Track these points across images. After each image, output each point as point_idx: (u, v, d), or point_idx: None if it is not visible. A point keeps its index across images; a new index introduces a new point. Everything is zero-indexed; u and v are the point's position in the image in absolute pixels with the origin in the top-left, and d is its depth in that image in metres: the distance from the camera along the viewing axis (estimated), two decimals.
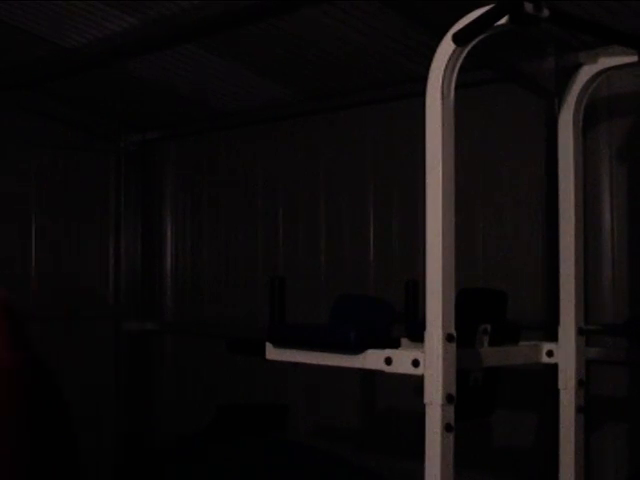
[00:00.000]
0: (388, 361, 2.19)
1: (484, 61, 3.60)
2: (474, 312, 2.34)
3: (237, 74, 4.44)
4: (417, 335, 2.13)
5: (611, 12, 3.19)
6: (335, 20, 3.66)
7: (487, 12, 1.95)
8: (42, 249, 5.34)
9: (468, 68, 2.12)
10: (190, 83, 4.69)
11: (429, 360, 2.07)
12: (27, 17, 4.00)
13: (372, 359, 2.23)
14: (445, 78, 2.03)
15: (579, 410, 2.43)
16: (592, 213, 3.49)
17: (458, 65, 2.04)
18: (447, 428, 2.05)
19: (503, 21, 1.95)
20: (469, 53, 2.05)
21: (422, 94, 2.06)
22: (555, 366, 2.46)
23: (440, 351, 2.05)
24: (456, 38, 1.99)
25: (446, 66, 2.03)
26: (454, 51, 2.01)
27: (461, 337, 2.09)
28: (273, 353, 2.47)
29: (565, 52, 3.46)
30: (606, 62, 2.40)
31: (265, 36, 3.92)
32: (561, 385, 2.45)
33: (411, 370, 2.13)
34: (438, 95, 2.04)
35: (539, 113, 3.61)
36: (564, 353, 2.44)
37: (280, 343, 2.45)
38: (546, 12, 1.94)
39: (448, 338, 2.05)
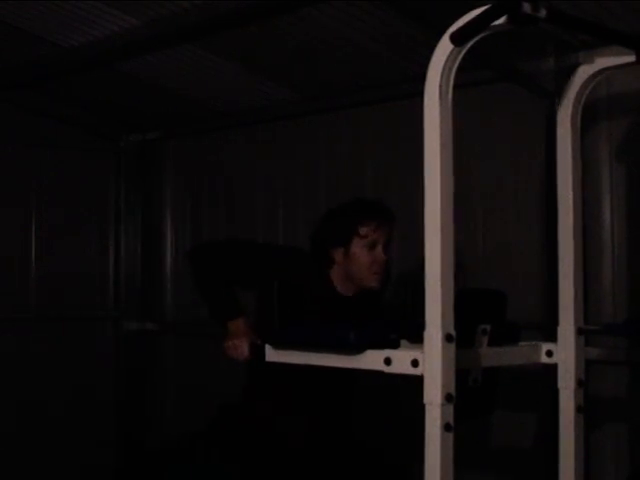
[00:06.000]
0: (387, 361, 2.19)
1: (484, 61, 3.60)
2: (473, 312, 2.34)
3: (237, 74, 4.44)
4: (416, 336, 2.13)
5: (611, 12, 3.19)
6: (335, 20, 3.67)
7: (484, 12, 1.94)
8: (42, 249, 5.35)
9: (468, 68, 2.12)
10: (190, 83, 4.69)
11: (428, 360, 2.07)
12: (27, 17, 4.00)
13: (371, 359, 2.23)
14: (443, 78, 2.03)
15: (579, 410, 2.43)
16: (592, 213, 3.49)
17: (456, 65, 2.04)
18: (446, 428, 2.05)
19: (501, 21, 1.95)
20: (469, 53, 2.05)
21: (422, 94, 2.06)
22: (555, 366, 2.46)
23: (439, 351, 2.04)
24: (453, 38, 1.98)
25: (444, 66, 2.02)
26: (452, 51, 2.01)
27: (460, 337, 2.08)
28: (273, 355, 2.47)
29: (565, 52, 3.46)
30: (604, 62, 2.39)
31: (265, 36, 3.92)
32: (561, 385, 2.45)
33: (410, 370, 2.12)
34: (436, 95, 2.03)
35: (539, 113, 3.61)
36: (563, 353, 2.44)
37: (279, 345, 2.45)
38: (544, 12, 1.93)
39: (447, 338, 2.05)
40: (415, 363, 2.12)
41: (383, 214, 3.21)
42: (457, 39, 1.99)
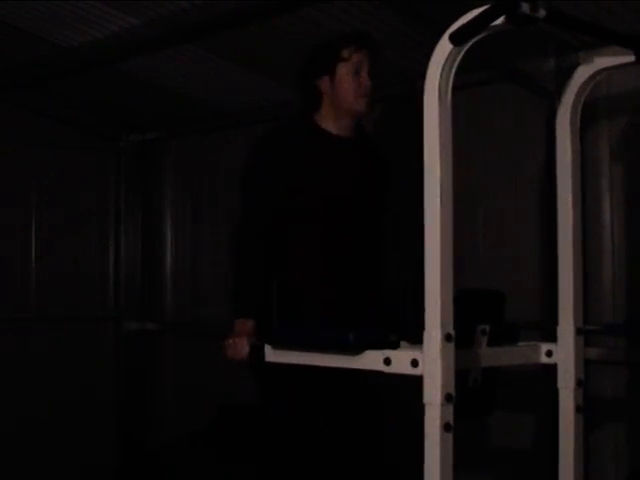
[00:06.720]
0: (387, 361, 2.19)
1: (484, 61, 3.60)
2: (472, 313, 2.34)
3: (237, 74, 4.45)
4: (415, 337, 2.13)
5: (611, 12, 3.19)
6: (335, 20, 3.66)
7: (483, 12, 1.94)
8: (42, 249, 5.35)
9: (468, 68, 2.12)
10: (190, 83, 4.69)
11: (428, 360, 2.07)
12: (27, 17, 4.01)
13: (371, 360, 2.23)
14: (442, 78, 2.03)
15: (578, 410, 2.43)
16: (592, 213, 3.49)
17: (455, 65, 2.04)
18: (446, 428, 2.05)
19: (500, 21, 1.95)
20: (469, 53, 2.05)
21: (421, 94, 2.06)
22: (554, 366, 2.46)
23: (439, 351, 2.04)
24: (452, 38, 1.99)
25: (443, 66, 2.02)
26: (451, 51, 2.01)
27: (460, 338, 2.08)
28: (272, 355, 2.47)
29: (565, 52, 3.47)
30: (603, 62, 2.39)
31: (265, 36, 3.92)
32: (560, 385, 2.44)
33: (410, 370, 2.12)
34: (435, 95, 2.03)
35: (539, 113, 3.61)
36: (563, 353, 2.44)
37: (279, 345, 2.45)
38: (542, 12, 1.93)
39: (447, 338, 2.05)
40: (415, 363, 2.11)
41: (365, 37, 3.26)
42: (456, 39, 1.99)
